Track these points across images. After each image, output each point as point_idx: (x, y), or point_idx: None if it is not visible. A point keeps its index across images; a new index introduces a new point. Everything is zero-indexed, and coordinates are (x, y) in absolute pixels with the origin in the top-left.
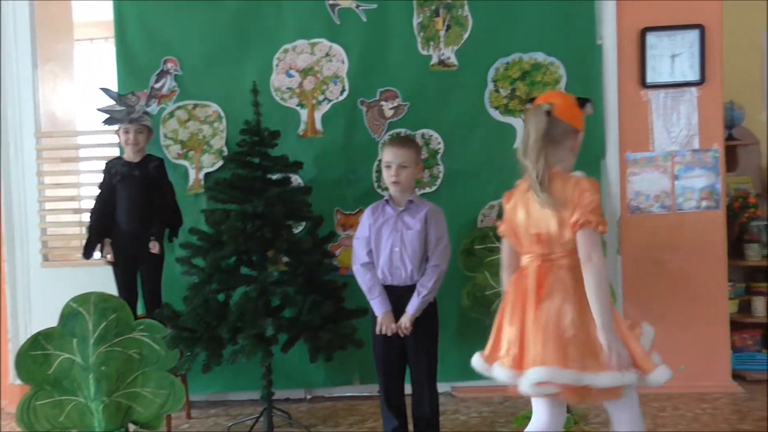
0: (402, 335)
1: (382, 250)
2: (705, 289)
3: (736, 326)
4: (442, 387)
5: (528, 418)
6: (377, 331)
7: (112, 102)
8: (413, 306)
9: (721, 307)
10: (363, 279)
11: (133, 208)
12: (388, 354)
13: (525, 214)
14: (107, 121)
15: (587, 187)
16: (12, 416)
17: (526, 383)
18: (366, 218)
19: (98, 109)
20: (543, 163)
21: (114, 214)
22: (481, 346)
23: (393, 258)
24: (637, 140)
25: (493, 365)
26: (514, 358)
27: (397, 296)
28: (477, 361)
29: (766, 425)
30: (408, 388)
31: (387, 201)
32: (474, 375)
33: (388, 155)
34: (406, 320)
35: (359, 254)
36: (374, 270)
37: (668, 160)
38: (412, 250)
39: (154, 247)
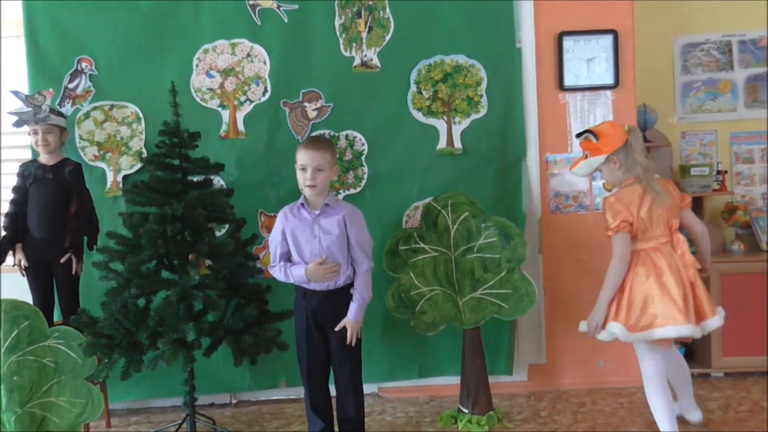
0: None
1: (300, 255)
2: None
3: None
4: (368, 388)
5: (453, 417)
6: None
7: (20, 104)
8: (355, 312)
9: None
10: (278, 274)
11: (45, 213)
12: (312, 356)
13: (649, 210)
14: (16, 123)
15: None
16: None
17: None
18: (280, 221)
19: (8, 112)
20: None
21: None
22: (407, 346)
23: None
24: (556, 142)
25: (685, 325)
26: (697, 314)
27: (320, 300)
28: (621, 330)
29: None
30: (333, 390)
31: (303, 204)
32: (400, 375)
33: (303, 158)
34: (353, 330)
35: (274, 255)
36: (284, 263)
37: None
38: (332, 256)
39: (67, 260)
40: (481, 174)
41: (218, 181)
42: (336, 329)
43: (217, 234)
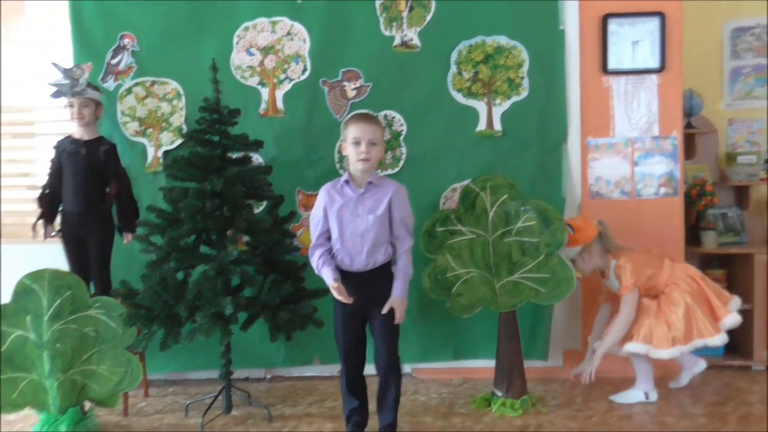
0: (397, 323)
1: (342, 234)
2: None
3: None
4: (402, 368)
5: (487, 400)
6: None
7: (60, 76)
8: (401, 290)
9: None
10: (314, 255)
11: (78, 187)
12: (350, 336)
13: None
14: (53, 94)
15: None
16: None
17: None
18: (322, 199)
19: (48, 84)
20: None
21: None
22: (442, 327)
23: (355, 243)
24: (599, 126)
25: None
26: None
27: (360, 281)
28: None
29: (723, 411)
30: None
31: (347, 182)
32: (434, 357)
33: (357, 131)
34: (401, 308)
35: (314, 233)
36: (324, 249)
37: (628, 146)
38: (375, 235)
39: (126, 239)
40: (520, 157)
41: (256, 159)
42: (384, 311)
43: (255, 211)
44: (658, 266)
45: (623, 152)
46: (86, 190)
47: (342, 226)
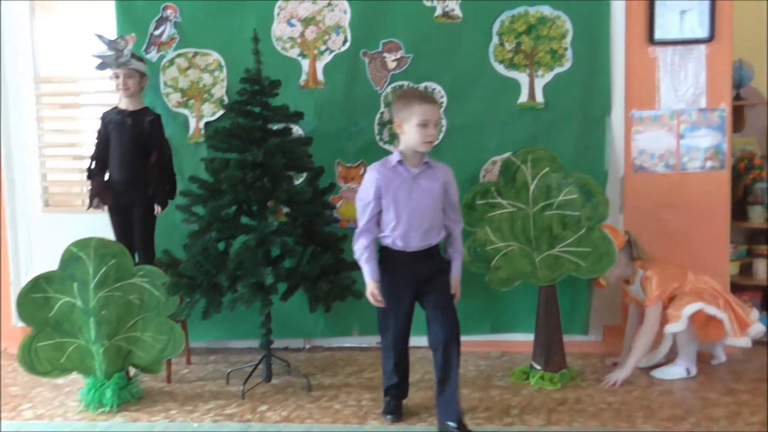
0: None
1: (399, 216)
2: (706, 250)
3: (736, 288)
4: None
5: (525, 373)
6: (371, 301)
7: (104, 47)
8: (459, 269)
9: (722, 268)
10: (359, 241)
11: (124, 157)
12: (402, 315)
13: None
14: (98, 66)
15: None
16: (14, 357)
17: None
18: (373, 180)
19: (93, 55)
20: None
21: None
22: (480, 301)
23: (411, 225)
24: (643, 98)
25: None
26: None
27: (410, 261)
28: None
29: (766, 388)
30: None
31: (401, 162)
32: (472, 329)
33: (426, 113)
34: (458, 287)
35: (362, 217)
36: (372, 236)
37: (674, 118)
38: (432, 217)
39: (156, 210)
40: (562, 129)
41: (297, 130)
42: (452, 292)
43: (295, 182)
44: (683, 277)
45: (668, 125)
46: (131, 160)
47: (399, 208)
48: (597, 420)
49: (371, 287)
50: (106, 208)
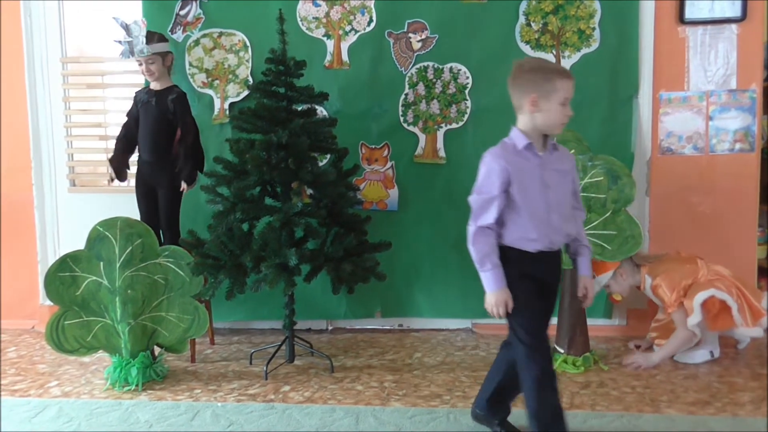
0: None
1: (532, 209)
2: (734, 234)
3: (763, 272)
4: (462, 323)
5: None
6: (494, 313)
7: (123, 33)
8: (590, 267)
9: (750, 252)
10: (480, 243)
11: (149, 137)
12: (546, 314)
13: None
14: (122, 55)
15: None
16: (42, 335)
17: None
18: (498, 169)
19: (114, 41)
20: None
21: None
22: None
23: (550, 219)
24: (672, 79)
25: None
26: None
27: (547, 263)
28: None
29: None
30: None
31: (530, 144)
32: None
33: (570, 90)
34: (593, 287)
35: (484, 215)
36: (494, 238)
37: (703, 100)
38: (567, 206)
39: (183, 187)
40: (588, 111)
41: (321, 111)
42: (579, 295)
43: (319, 164)
44: (694, 273)
45: (697, 106)
46: (156, 140)
47: (532, 199)
48: (620, 404)
49: (502, 296)
50: (133, 186)
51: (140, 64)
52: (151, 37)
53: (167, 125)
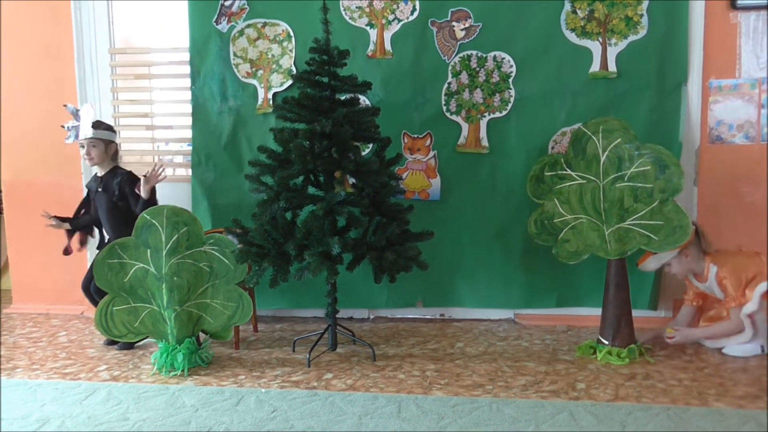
0: None
1: None
2: None
3: None
4: (504, 313)
5: (592, 347)
6: None
7: (72, 118)
8: None
9: None
10: None
11: (105, 221)
12: None
13: None
14: (67, 139)
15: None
16: (91, 321)
17: None
18: None
19: (62, 126)
20: None
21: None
22: (546, 274)
23: None
24: (723, 66)
25: None
26: None
27: None
28: None
29: None
30: None
31: None
32: (537, 303)
33: None
34: None
35: None
36: None
37: (755, 87)
38: None
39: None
40: (636, 100)
41: (364, 101)
42: None
43: (362, 153)
44: (759, 267)
45: (749, 94)
46: (113, 223)
47: None
48: (667, 396)
49: None
50: (180, 176)
51: (81, 147)
52: (98, 124)
53: (118, 208)
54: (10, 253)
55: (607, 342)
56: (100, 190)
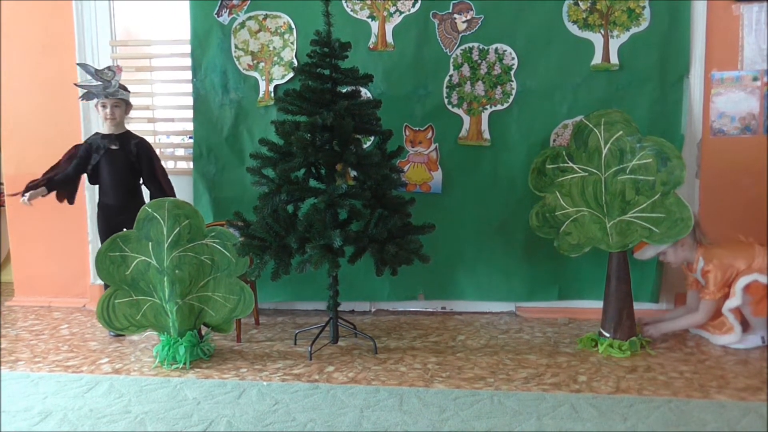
0: None
1: None
2: None
3: None
4: (505, 306)
5: (594, 340)
6: None
7: (89, 77)
8: None
9: None
10: None
11: (116, 181)
12: None
13: None
14: (84, 96)
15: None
16: (93, 313)
17: None
18: None
19: (75, 84)
20: None
21: (98, 186)
22: (548, 267)
23: None
24: (725, 58)
25: None
26: None
27: None
28: None
29: None
30: None
31: None
32: (539, 296)
33: None
34: None
35: None
36: None
37: (758, 79)
38: None
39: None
40: (637, 92)
41: (365, 93)
42: None
43: (364, 146)
44: (748, 260)
45: (751, 86)
46: (125, 184)
47: None
48: (668, 389)
49: None
50: (183, 169)
51: (104, 107)
52: (123, 86)
53: (133, 170)
54: (12, 246)
55: (608, 335)
56: (114, 147)
